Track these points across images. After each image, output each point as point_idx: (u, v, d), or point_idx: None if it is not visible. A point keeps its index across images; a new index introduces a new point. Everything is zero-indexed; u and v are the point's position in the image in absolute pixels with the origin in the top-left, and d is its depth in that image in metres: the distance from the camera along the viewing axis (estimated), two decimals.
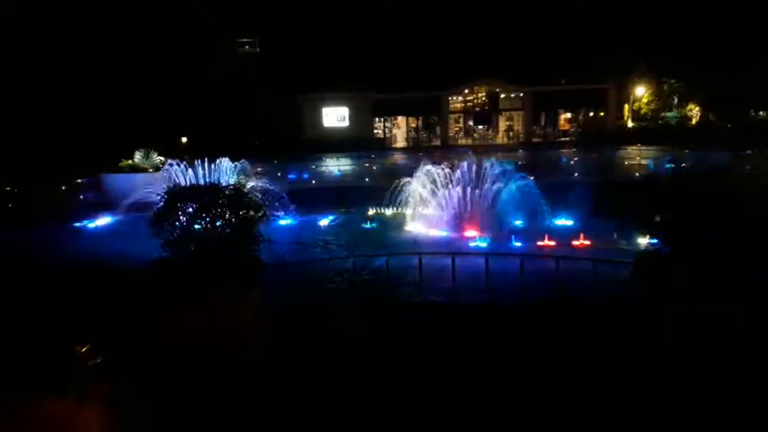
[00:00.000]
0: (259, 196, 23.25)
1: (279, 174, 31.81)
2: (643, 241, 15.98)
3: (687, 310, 10.26)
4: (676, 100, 56.56)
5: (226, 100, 48.47)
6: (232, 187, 11.44)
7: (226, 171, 24.93)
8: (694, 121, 55.40)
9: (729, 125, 50.60)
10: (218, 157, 25.24)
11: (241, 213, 11.31)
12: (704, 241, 12.04)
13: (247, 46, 60.62)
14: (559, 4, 56.45)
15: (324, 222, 21.80)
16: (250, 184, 24.16)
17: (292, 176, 32.54)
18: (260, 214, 10.96)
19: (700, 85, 52.37)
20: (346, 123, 56.86)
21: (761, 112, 55.44)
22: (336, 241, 19.00)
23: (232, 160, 25.35)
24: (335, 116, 57.08)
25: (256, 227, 12.13)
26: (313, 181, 31.49)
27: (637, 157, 40.30)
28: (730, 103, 51.95)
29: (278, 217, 21.97)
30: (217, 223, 11.66)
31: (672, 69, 52.95)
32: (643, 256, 11.72)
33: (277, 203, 23.65)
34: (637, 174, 30.79)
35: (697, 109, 55.35)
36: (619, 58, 51.32)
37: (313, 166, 37.38)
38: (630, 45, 50.80)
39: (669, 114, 56.49)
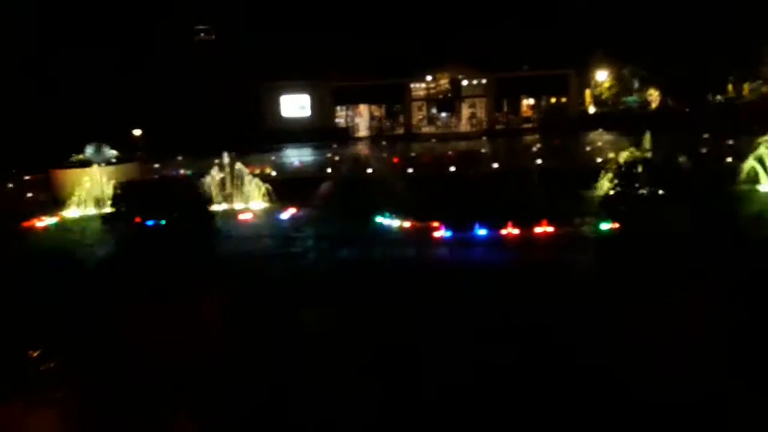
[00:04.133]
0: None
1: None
2: (605, 224, 16.09)
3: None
4: (636, 84, 57.09)
5: (180, 91, 47.10)
6: (187, 179, 10.85)
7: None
8: (654, 106, 56.01)
9: (687, 109, 51.30)
10: (173, 150, 24.34)
11: (196, 206, 10.87)
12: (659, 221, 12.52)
13: (202, 33, 58.96)
14: None
15: (285, 215, 21.08)
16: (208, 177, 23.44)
17: None
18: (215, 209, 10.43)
19: (659, 70, 52.96)
20: (307, 112, 55.90)
21: (718, 96, 56.33)
22: (298, 234, 18.35)
23: (187, 152, 24.46)
24: (296, 105, 56.07)
25: (212, 221, 11.64)
26: (274, 173, 30.68)
27: (599, 142, 40.49)
28: (688, 88, 52.69)
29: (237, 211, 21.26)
30: (173, 217, 11.26)
31: (632, 54, 53.40)
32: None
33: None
34: (598, 159, 30.79)
35: (657, 93, 55.95)
36: (580, 44, 51.53)
37: (273, 158, 36.56)
38: (591, 30, 51.01)
39: (629, 99, 57.02)
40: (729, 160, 28.27)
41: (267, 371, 9.00)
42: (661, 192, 15.08)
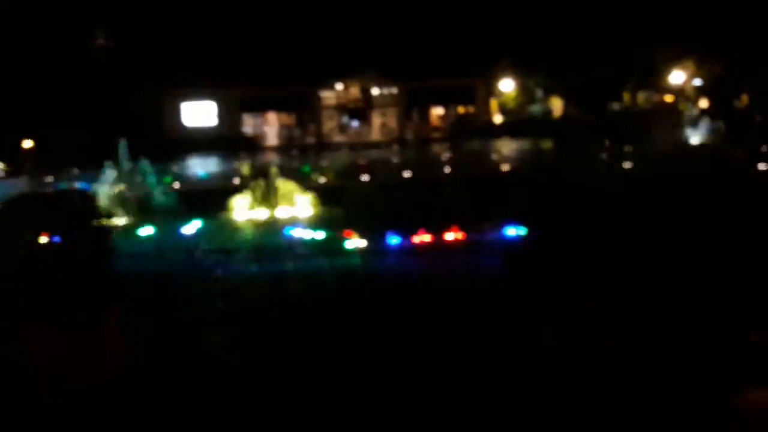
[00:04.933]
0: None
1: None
2: (512, 229, 16.42)
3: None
4: (540, 93, 59.20)
5: (76, 99, 44.44)
6: (81, 192, 10.03)
7: None
8: (557, 114, 58.22)
9: (587, 116, 53.71)
10: (67, 163, 22.74)
11: (91, 222, 10.06)
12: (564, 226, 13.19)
13: (101, 39, 55.89)
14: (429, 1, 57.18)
15: (189, 229, 20.02)
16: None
17: (151, 179, 30.10)
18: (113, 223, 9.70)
19: (561, 80, 55.23)
20: (212, 121, 54.20)
21: (616, 105, 59.42)
22: (202, 248, 17.44)
23: (83, 164, 22.92)
24: (200, 113, 54.20)
25: (109, 237, 10.79)
26: (177, 185, 29.34)
27: (504, 149, 41.59)
28: (588, 96, 55.31)
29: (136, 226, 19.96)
30: (65, 234, 10.42)
31: (535, 64, 55.38)
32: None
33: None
34: (504, 168, 31.59)
35: (560, 102, 58.20)
36: (486, 54, 52.89)
37: (176, 169, 35.08)
38: (497, 41, 52.50)
39: (534, 108, 59.02)
40: (626, 165, 29.74)
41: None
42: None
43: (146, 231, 19.80)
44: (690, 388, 8.15)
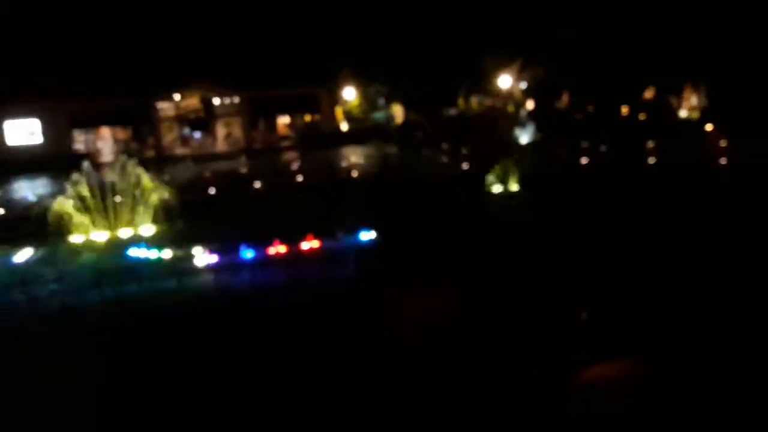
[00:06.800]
0: None
1: None
2: (364, 234, 16.84)
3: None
4: (382, 101, 60.93)
5: None
6: None
7: None
8: (399, 120, 60.20)
9: (425, 122, 56.22)
10: None
11: None
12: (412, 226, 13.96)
13: None
14: (268, 9, 56.76)
15: (20, 257, 18.24)
16: None
17: None
18: None
19: (399, 88, 57.36)
20: (38, 139, 49.83)
21: (452, 110, 62.70)
22: (37, 277, 15.96)
23: None
24: (23, 131, 49.63)
25: None
26: (1, 210, 26.68)
27: (351, 156, 42.29)
28: (425, 102, 58.00)
29: None
30: None
31: (374, 72, 56.97)
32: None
33: None
34: (353, 173, 32.11)
35: (401, 109, 60.25)
36: (327, 63, 53.52)
37: None
38: (336, 50, 53.31)
39: (377, 115, 60.62)
40: (465, 166, 31.45)
41: None
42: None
43: None
44: (531, 367, 8.85)
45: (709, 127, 45.26)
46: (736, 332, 9.72)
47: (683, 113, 58.82)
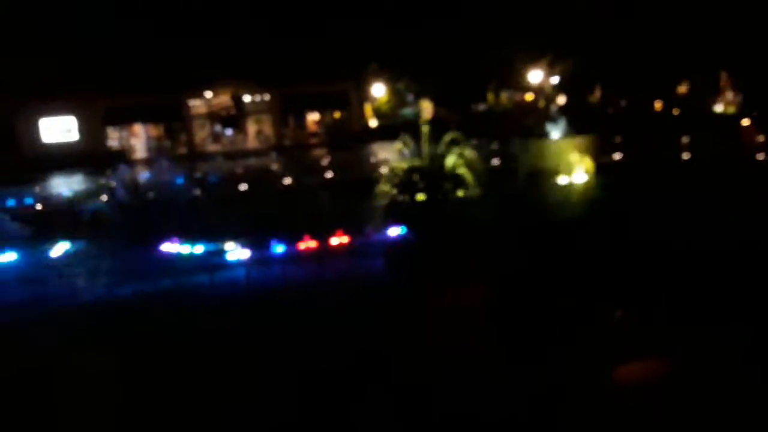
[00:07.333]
0: None
1: None
2: (395, 230, 16.85)
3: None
4: (411, 97, 60.85)
5: None
6: None
7: None
8: (428, 116, 60.03)
9: (454, 117, 55.94)
10: None
11: None
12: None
13: None
14: (297, 6, 57.07)
15: (57, 251, 18.69)
16: None
17: (10, 202, 27.81)
18: None
19: (430, 83, 57.11)
20: (74, 136, 50.92)
21: (481, 105, 62.33)
22: (70, 272, 16.32)
23: None
24: (60, 129, 50.77)
25: None
26: (39, 205, 27.30)
27: (380, 152, 42.30)
28: (455, 98, 57.67)
29: None
30: None
31: (402, 68, 56.90)
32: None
33: None
34: (382, 170, 32.07)
35: (429, 104, 60.09)
36: (356, 59, 53.62)
37: (37, 188, 32.65)
38: (366, 45, 53.35)
39: (406, 111, 60.53)
40: (495, 162, 31.22)
41: None
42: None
43: (7, 257, 18.27)
44: (562, 367, 8.75)
45: (745, 122, 44.26)
46: None
47: (719, 108, 57.60)
